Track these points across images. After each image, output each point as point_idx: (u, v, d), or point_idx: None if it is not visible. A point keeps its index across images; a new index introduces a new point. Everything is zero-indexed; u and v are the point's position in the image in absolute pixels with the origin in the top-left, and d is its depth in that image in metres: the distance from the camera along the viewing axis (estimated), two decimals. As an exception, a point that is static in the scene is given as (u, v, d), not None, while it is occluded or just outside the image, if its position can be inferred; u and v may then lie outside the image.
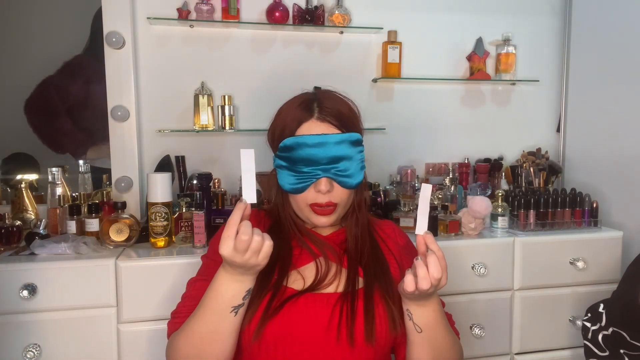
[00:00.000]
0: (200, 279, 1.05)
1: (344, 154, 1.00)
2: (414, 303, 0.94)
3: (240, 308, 0.92)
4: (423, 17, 2.08)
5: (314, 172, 0.99)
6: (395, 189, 1.89)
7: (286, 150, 1.01)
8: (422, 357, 0.98)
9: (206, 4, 1.83)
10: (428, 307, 0.95)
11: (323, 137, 0.99)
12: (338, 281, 1.02)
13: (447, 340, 0.99)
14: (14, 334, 1.33)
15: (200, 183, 1.61)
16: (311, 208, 1.02)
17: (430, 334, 0.96)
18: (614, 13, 1.95)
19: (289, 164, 1.01)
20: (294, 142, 1.00)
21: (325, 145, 0.99)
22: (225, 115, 1.87)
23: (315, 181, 1.00)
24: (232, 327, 0.92)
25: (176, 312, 1.03)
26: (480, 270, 1.58)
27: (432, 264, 0.87)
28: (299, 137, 0.99)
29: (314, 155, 0.99)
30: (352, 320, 0.96)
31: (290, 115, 1.03)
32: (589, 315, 1.32)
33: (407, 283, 0.87)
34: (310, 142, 0.99)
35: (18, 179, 1.74)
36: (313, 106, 1.02)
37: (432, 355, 0.97)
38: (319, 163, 0.99)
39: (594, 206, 1.77)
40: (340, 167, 1.00)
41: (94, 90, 1.83)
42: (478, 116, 2.18)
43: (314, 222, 1.03)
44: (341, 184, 1.01)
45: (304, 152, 0.99)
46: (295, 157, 1.00)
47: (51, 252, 1.39)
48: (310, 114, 1.01)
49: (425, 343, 0.96)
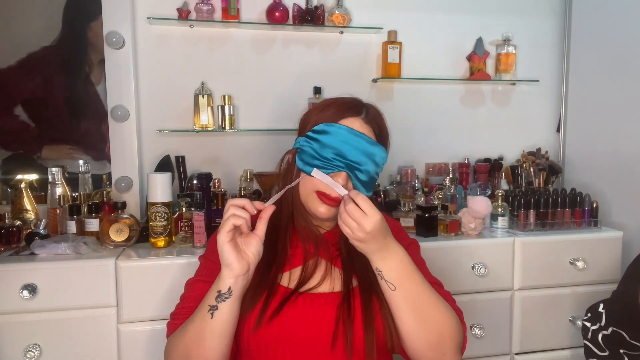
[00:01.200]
0: (198, 280, 1.04)
1: (369, 162, 1.02)
2: (376, 257, 0.93)
3: (215, 311, 0.90)
4: (423, 17, 2.08)
5: (337, 162, 1.00)
6: (395, 189, 1.89)
7: (321, 133, 1.01)
8: (405, 322, 0.93)
9: (206, 4, 1.83)
10: (393, 258, 0.93)
11: (362, 137, 1.01)
12: (332, 281, 1.02)
13: (428, 297, 0.94)
14: (14, 334, 1.33)
15: (200, 183, 1.62)
16: (317, 195, 1.02)
17: (406, 290, 0.92)
18: (614, 13, 1.95)
19: (318, 146, 1.01)
20: (333, 128, 1.01)
21: (360, 145, 1.01)
22: (225, 115, 1.87)
23: (335, 172, 1.00)
24: (212, 333, 0.90)
25: (174, 314, 1.03)
26: (480, 270, 1.58)
27: (349, 208, 0.90)
28: (341, 126, 1.01)
29: (346, 148, 1.00)
30: (350, 327, 0.95)
31: (337, 106, 1.04)
32: (589, 315, 1.32)
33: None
34: (348, 135, 1.00)
35: (18, 179, 1.73)
36: (362, 109, 1.05)
37: (416, 315, 0.92)
38: (345, 157, 1.00)
39: (594, 206, 1.77)
40: (362, 171, 1.02)
41: (60, 84, 1.76)
42: (478, 116, 2.18)
43: (315, 209, 1.03)
44: (356, 186, 1.02)
45: (338, 140, 1.00)
46: (327, 142, 1.00)
47: (51, 252, 1.39)
48: (358, 113, 1.04)
49: (404, 302, 0.92)
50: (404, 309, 0.93)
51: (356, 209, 0.89)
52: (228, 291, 0.90)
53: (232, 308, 0.91)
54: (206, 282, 1.01)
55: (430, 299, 0.94)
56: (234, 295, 0.90)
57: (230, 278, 0.90)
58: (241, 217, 0.90)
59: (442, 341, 0.94)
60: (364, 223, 0.88)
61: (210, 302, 0.91)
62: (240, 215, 0.90)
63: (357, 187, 1.02)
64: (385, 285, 0.93)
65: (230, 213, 0.90)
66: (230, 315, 0.91)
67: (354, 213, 0.89)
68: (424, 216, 1.64)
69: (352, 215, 0.89)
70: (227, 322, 0.91)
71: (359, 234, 0.89)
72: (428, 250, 1.41)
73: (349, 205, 0.90)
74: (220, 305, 0.90)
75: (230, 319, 0.91)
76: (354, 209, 0.90)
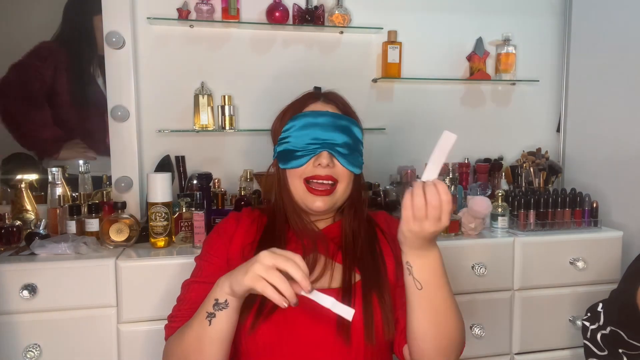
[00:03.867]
0: (194, 281, 1.04)
1: (345, 134, 1.05)
2: (413, 253, 0.88)
3: (213, 318, 0.88)
4: (423, 17, 2.08)
5: (314, 146, 1.03)
6: (395, 189, 1.89)
7: (290, 129, 1.05)
8: (421, 322, 0.90)
9: (206, 4, 1.83)
10: (429, 258, 0.88)
11: (327, 113, 1.05)
12: (330, 276, 1.01)
13: (449, 304, 0.91)
14: (14, 334, 1.33)
15: (200, 183, 1.61)
16: (307, 189, 1.03)
17: (431, 293, 0.89)
18: (614, 13, 1.95)
19: (292, 140, 1.04)
20: (299, 117, 1.05)
21: (329, 122, 1.04)
22: (225, 115, 1.87)
23: (316, 155, 1.03)
24: (211, 339, 0.89)
25: (172, 316, 1.02)
26: (480, 270, 1.58)
27: (430, 192, 0.82)
28: (305, 112, 1.06)
29: (319, 129, 1.03)
30: (349, 324, 0.94)
31: (297, 102, 1.10)
32: (588, 315, 1.32)
33: (403, 215, 0.83)
34: (315, 117, 1.04)
35: (18, 179, 1.73)
36: (319, 94, 1.11)
37: (433, 319, 0.90)
38: (319, 138, 1.03)
39: (594, 206, 1.77)
40: (340, 145, 1.03)
41: (63, 81, 1.73)
42: (478, 116, 2.18)
43: (309, 205, 1.03)
44: (341, 162, 1.03)
45: (308, 125, 1.03)
46: (299, 132, 1.04)
47: (51, 252, 1.39)
48: (317, 98, 1.09)
49: (426, 303, 0.89)
50: (425, 310, 0.90)
51: (439, 205, 0.82)
52: (225, 302, 0.88)
53: (230, 316, 0.89)
54: (203, 283, 1.01)
55: (450, 306, 0.92)
56: (230, 307, 0.88)
57: (230, 295, 0.87)
58: (283, 297, 0.81)
59: (451, 346, 0.93)
60: (444, 218, 0.83)
61: (208, 309, 0.89)
62: (285, 292, 0.81)
63: (344, 161, 1.03)
64: (411, 281, 0.89)
65: (279, 279, 0.81)
66: (228, 322, 0.89)
67: (440, 206, 0.82)
68: (424, 216, 1.64)
69: (433, 205, 0.82)
70: (226, 330, 0.89)
71: (428, 226, 0.83)
72: (428, 250, 1.41)
73: (434, 197, 0.82)
74: (218, 314, 0.88)
75: (228, 327, 0.90)
76: (439, 202, 0.82)
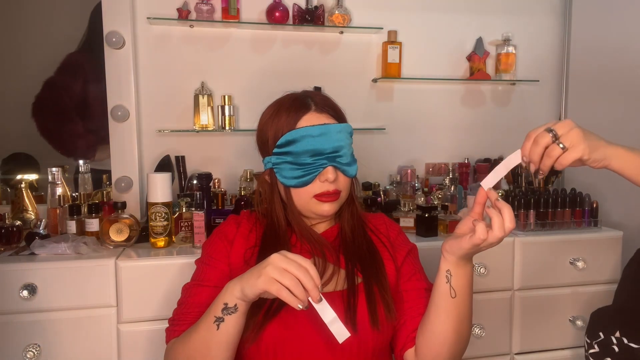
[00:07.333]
0: (195, 284, 1.03)
1: (344, 143, 1.03)
2: (456, 263, 0.92)
3: (221, 323, 0.87)
4: (423, 17, 2.08)
5: (319, 162, 1.01)
6: (395, 189, 1.89)
7: (288, 145, 1.01)
8: (447, 328, 0.94)
9: (206, 4, 1.83)
10: (467, 268, 0.93)
11: (326, 127, 1.01)
12: (336, 281, 1.02)
13: (470, 313, 0.97)
14: (14, 334, 1.33)
15: (200, 183, 1.61)
16: (316, 199, 1.02)
17: (461, 302, 0.94)
18: (614, 13, 1.95)
19: (292, 157, 1.01)
20: (297, 135, 1.00)
21: (328, 135, 1.01)
22: (225, 115, 1.87)
23: (321, 171, 1.01)
24: (219, 344, 0.88)
25: (173, 320, 1.02)
26: (480, 270, 1.58)
27: (508, 215, 0.85)
28: (303, 129, 1.00)
29: (319, 144, 1.00)
30: (354, 314, 0.96)
31: (285, 113, 1.03)
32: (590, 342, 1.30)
33: (479, 232, 0.84)
34: (314, 133, 1.00)
35: (18, 179, 1.73)
36: (308, 101, 1.04)
37: (457, 327, 0.95)
38: (323, 153, 1.00)
39: (594, 206, 1.77)
40: (341, 155, 1.02)
41: (93, 89, 1.81)
42: (478, 116, 2.18)
43: (318, 211, 1.03)
44: (344, 172, 1.03)
45: (308, 143, 1.00)
46: (299, 150, 1.00)
47: (51, 252, 1.39)
48: (307, 108, 1.03)
49: (454, 311, 0.94)
50: (452, 317, 0.94)
51: (503, 235, 0.86)
52: (234, 307, 0.87)
53: (239, 320, 0.89)
54: (205, 286, 1.00)
55: (471, 315, 0.98)
56: (240, 311, 0.88)
57: (240, 300, 0.87)
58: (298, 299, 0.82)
59: (461, 351, 1.00)
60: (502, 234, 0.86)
61: (216, 314, 0.88)
62: (299, 295, 0.81)
63: (346, 171, 1.03)
64: (447, 289, 0.93)
65: (294, 282, 0.81)
66: (236, 327, 0.89)
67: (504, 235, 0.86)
68: (424, 216, 1.64)
69: (496, 237, 0.86)
70: (233, 334, 0.89)
71: (486, 246, 0.87)
72: (428, 250, 1.41)
73: (509, 211, 0.86)
74: (227, 318, 0.88)
75: (236, 331, 0.89)
76: (504, 233, 0.86)
